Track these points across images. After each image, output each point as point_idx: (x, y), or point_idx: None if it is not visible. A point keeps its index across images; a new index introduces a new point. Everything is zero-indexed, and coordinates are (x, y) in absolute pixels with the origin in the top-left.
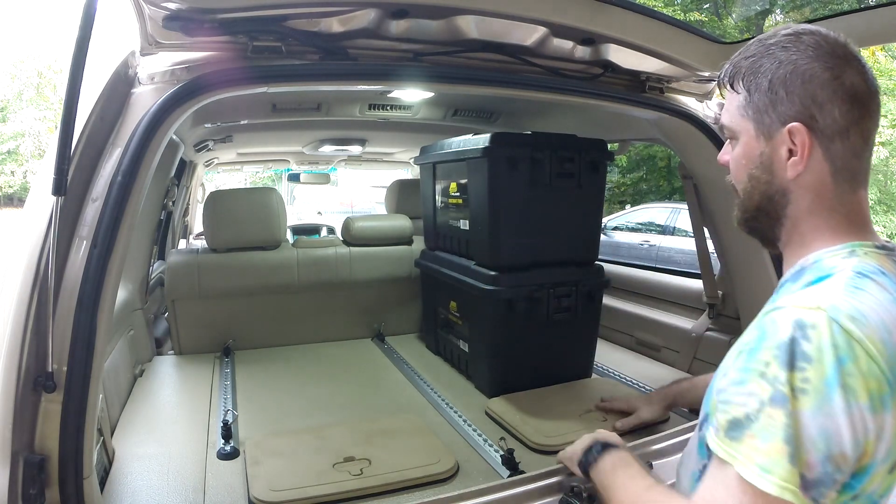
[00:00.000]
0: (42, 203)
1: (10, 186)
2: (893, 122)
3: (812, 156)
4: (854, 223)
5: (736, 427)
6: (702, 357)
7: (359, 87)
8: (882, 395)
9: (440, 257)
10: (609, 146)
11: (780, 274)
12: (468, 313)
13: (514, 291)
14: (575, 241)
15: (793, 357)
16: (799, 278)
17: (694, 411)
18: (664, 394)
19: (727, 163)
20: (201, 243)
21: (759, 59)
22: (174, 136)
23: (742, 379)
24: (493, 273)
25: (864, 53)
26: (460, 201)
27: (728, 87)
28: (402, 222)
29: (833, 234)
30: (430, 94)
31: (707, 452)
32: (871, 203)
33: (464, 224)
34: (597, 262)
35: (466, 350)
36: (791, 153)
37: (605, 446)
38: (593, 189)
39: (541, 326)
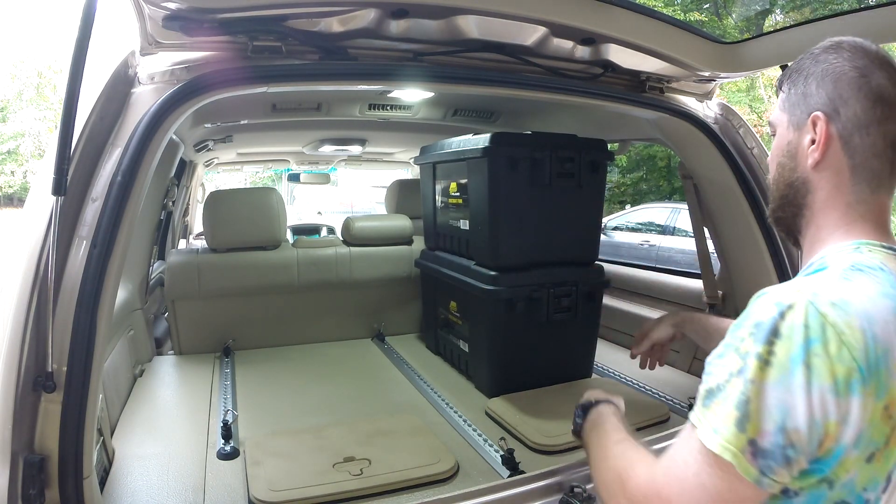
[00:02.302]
0: (42, 203)
1: (10, 186)
2: None
3: (831, 147)
4: (870, 223)
5: (709, 396)
6: (702, 357)
7: (359, 87)
8: (850, 380)
9: (440, 257)
10: (609, 146)
11: (780, 273)
12: (468, 313)
13: (513, 291)
14: (575, 241)
15: (766, 333)
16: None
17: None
18: (676, 314)
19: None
20: (201, 243)
21: (803, 61)
22: (174, 136)
23: (722, 353)
24: (493, 273)
25: None
26: (460, 201)
27: (779, 88)
28: (402, 222)
29: (846, 233)
30: (430, 94)
31: None
32: None
33: (464, 224)
34: (597, 262)
35: (466, 350)
36: (813, 142)
37: (586, 408)
38: (593, 189)
39: (541, 326)
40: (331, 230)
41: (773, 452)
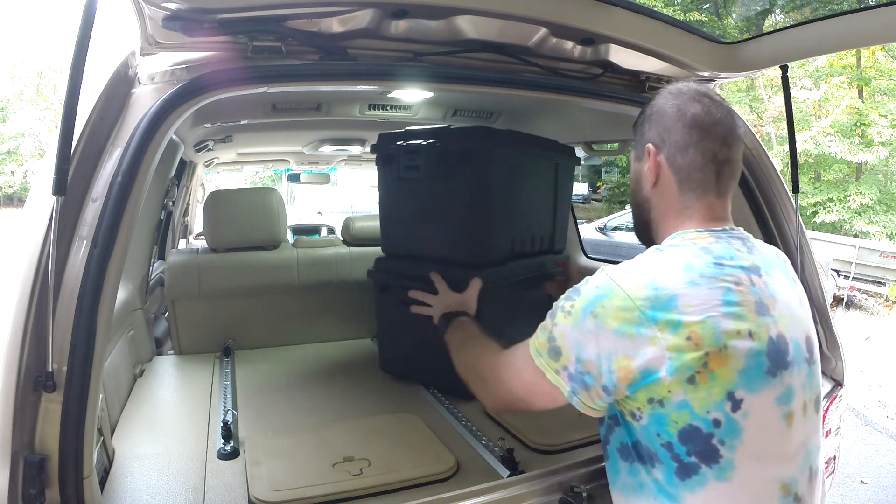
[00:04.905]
0: (42, 203)
1: (10, 186)
2: (893, 122)
3: (662, 170)
4: (694, 220)
5: (542, 325)
6: None
7: (359, 87)
8: (633, 324)
9: None
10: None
11: None
12: None
13: (388, 276)
14: (453, 240)
15: (573, 293)
16: None
17: None
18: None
19: None
20: (201, 243)
21: (646, 107)
22: (174, 136)
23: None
24: (378, 257)
25: (864, 54)
26: None
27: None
28: None
29: (674, 230)
30: (430, 95)
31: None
32: (870, 203)
33: None
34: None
35: None
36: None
37: (449, 319)
38: (467, 182)
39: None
40: (331, 230)
41: (576, 377)
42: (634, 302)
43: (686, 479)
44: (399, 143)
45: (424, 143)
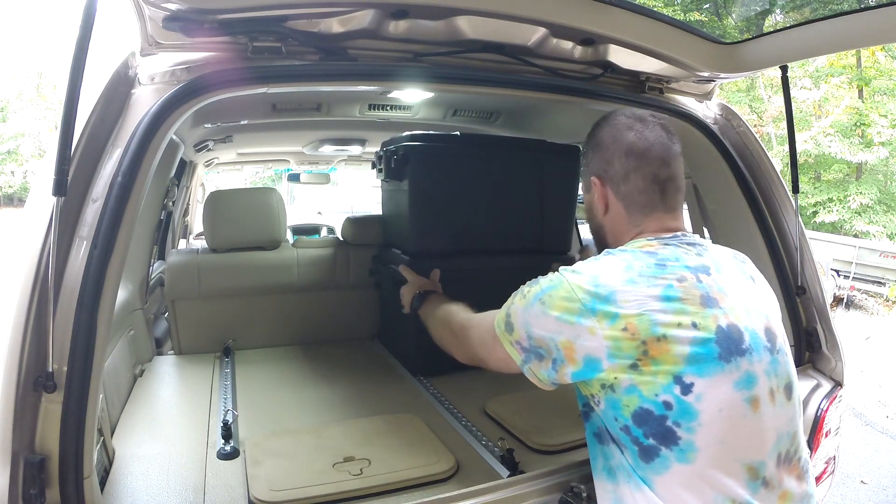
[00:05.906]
0: (42, 203)
1: (10, 186)
2: (893, 122)
3: (609, 199)
4: (648, 233)
5: (505, 303)
6: None
7: (359, 87)
8: (573, 313)
9: None
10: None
11: (778, 271)
12: None
13: (375, 262)
14: (402, 233)
15: (531, 283)
16: None
17: None
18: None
19: None
20: (201, 243)
21: (587, 138)
22: (174, 136)
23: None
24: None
25: (864, 54)
26: None
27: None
28: None
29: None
30: (430, 95)
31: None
32: (870, 203)
33: None
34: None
35: None
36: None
37: (423, 297)
38: (407, 183)
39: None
40: (331, 230)
41: (529, 350)
42: (577, 294)
43: (650, 462)
44: (378, 150)
45: (381, 150)
